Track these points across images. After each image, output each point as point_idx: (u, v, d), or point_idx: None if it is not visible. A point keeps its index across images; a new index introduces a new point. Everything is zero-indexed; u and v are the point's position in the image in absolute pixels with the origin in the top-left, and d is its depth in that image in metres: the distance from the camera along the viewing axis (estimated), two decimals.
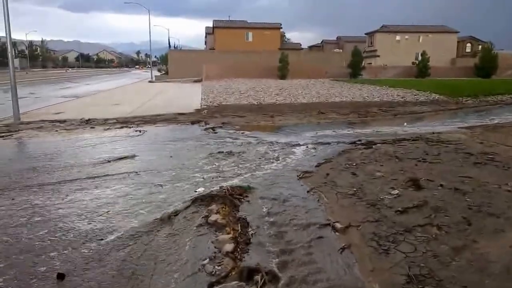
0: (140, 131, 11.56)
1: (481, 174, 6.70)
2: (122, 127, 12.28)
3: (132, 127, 12.37)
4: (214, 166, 7.52)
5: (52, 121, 13.28)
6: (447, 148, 8.95)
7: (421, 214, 4.97)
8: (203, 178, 6.70)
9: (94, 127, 12.26)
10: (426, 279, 3.49)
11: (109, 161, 7.88)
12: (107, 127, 12.27)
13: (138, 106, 17.93)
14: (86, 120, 13.50)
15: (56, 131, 11.64)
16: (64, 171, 7.19)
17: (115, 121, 13.52)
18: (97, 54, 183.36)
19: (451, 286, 3.39)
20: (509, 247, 4.07)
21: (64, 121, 13.38)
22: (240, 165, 7.55)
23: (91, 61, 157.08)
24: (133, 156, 8.34)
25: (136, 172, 7.06)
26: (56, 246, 4.23)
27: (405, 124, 13.75)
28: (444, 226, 4.60)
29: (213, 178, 6.69)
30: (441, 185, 6.05)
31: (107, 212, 5.19)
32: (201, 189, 5.96)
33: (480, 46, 59.16)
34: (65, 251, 4.11)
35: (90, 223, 4.83)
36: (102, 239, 4.39)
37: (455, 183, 6.16)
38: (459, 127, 12.65)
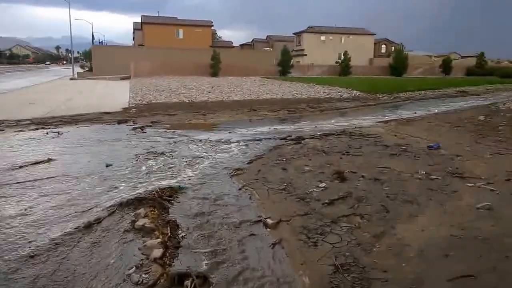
0: (58, 133, 10.63)
1: (397, 164, 7.26)
2: (37, 129, 11.21)
3: (49, 128, 11.35)
4: (141, 167, 7.24)
5: None
6: (368, 141, 9.57)
7: (346, 205, 5.25)
8: (129, 180, 6.42)
9: (3, 130, 11.00)
10: (351, 267, 3.70)
11: (20, 167, 7.13)
12: (20, 129, 11.12)
13: (57, 105, 16.58)
14: None
15: None
16: None
17: (29, 122, 12.27)
18: (10, 49, 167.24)
19: (373, 272, 3.62)
20: (421, 231, 4.46)
21: None
22: (170, 166, 7.38)
23: (3, 56, 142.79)
24: (48, 161, 7.63)
25: (52, 178, 6.47)
26: None
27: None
28: (366, 214, 4.91)
29: (140, 180, 6.45)
30: (363, 176, 6.45)
31: (18, 223, 4.71)
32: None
33: (393, 48, 63.84)
34: None
35: None
36: (11, 254, 3.96)
37: (374, 173, 6.62)
38: (377, 121, 13.58)
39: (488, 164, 7.28)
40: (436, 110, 17.45)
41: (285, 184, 6.15)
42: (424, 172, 6.65)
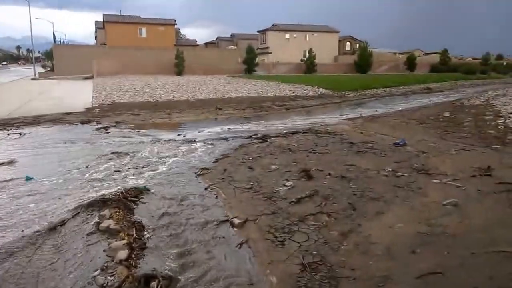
0: (20, 134, 10.33)
1: (363, 161, 7.34)
2: None
3: (10, 129, 11.01)
4: (105, 167, 7.02)
5: None
6: (334, 138, 9.65)
7: (313, 203, 5.25)
8: (93, 181, 6.22)
9: None
10: (319, 266, 3.69)
11: None
12: None
13: (18, 106, 15.91)
14: None
15: None
16: None
17: None
18: None
19: (341, 270, 3.62)
20: (388, 228, 4.51)
21: None
22: (134, 166, 7.18)
23: None
24: (10, 162, 7.40)
25: (14, 180, 6.27)
26: None
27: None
28: (333, 213, 4.92)
29: (104, 180, 6.25)
30: (330, 174, 6.48)
31: None
32: None
33: (357, 45, 65.13)
34: None
35: None
36: None
37: (341, 171, 6.65)
38: (343, 119, 13.77)
39: (454, 160, 7.45)
40: (401, 107, 17.87)
41: (251, 183, 6.09)
42: (390, 169, 6.75)
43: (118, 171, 6.86)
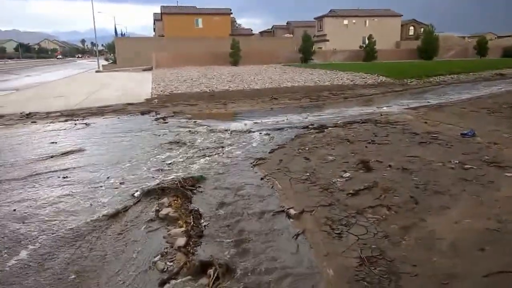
0: (86, 124, 11.02)
1: (426, 153, 6.96)
2: (66, 120, 11.63)
3: (77, 119, 11.75)
4: (164, 157, 7.28)
5: None
6: (395, 128, 9.24)
7: (372, 196, 5.07)
8: (153, 170, 6.46)
9: (35, 121, 11.50)
10: (378, 260, 3.55)
11: (52, 157, 7.41)
12: (51, 121, 11.56)
13: (84, 97, 17.03)
14: (27, 114, 12.61)
15: None
16: (1, 169, 6.66)
17: (59, 114, 12.76)
18: (38, 44, 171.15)
19: (402, 266, 3.46)
20: (454, 223, 4.23)
21: (2, 116, 12.42)
22: (192, 155, 7.36)
23: (32, 51, 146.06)
24: (78, 151, 7.90)
25: (82, 167, 6.68)
26: None
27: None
28: (394, 206, 4.71)
29: (163, 169, 6.48)
30: (390, 166, 6.22)
31: (49, 210, 4.85)
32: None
33: (422, 29, 61.56)
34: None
35: (30, 224, 4.48)
36: (43, 241, 4.08)
37: (402, 163, 6.36)
38: (405, 108, 13.12)
39: None
40: (470, 95, 16.67)
41: (307, 174, 6.00)
42: (457, 161, 6.33)
43: (176, 160, 7.07)
